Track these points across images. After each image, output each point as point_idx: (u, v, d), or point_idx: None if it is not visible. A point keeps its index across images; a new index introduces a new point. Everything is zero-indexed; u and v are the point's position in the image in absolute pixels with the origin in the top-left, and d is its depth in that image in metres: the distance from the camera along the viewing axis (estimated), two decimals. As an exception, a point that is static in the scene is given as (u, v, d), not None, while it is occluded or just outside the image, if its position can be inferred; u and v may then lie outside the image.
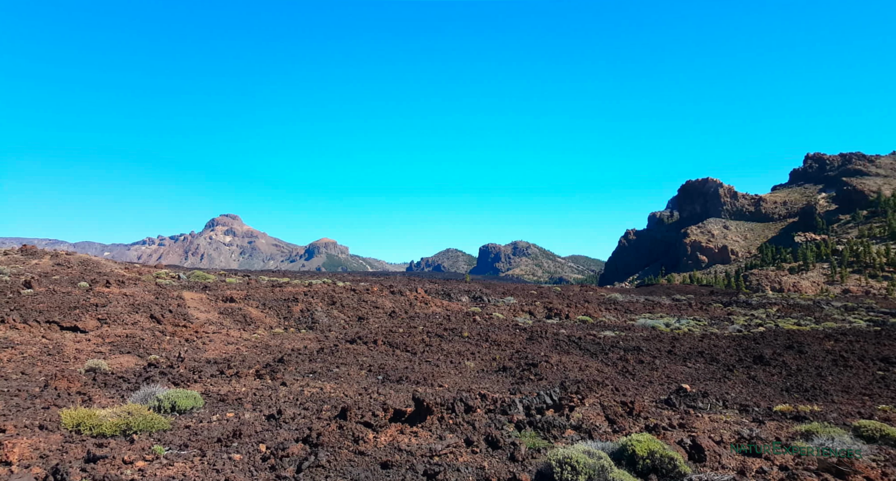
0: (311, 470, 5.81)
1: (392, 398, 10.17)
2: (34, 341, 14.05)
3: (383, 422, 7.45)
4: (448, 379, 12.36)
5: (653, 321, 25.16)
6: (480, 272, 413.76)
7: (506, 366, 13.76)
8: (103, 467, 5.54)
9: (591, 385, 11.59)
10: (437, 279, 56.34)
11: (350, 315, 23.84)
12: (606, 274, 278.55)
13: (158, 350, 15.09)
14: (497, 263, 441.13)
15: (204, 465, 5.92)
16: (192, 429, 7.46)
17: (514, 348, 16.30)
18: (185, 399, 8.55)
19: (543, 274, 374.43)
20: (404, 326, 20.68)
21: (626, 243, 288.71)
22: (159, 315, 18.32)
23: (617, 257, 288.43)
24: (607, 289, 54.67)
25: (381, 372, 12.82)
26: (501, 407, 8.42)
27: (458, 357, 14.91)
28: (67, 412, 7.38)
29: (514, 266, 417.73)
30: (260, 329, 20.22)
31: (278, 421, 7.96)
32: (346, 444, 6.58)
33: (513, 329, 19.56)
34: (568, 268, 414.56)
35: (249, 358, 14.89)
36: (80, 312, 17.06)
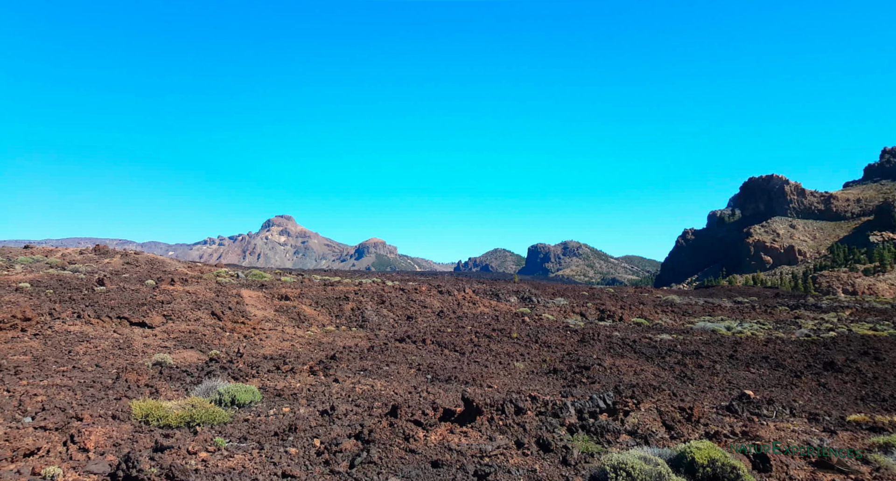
0: (364, 466, 5.90)
1: (441, 397, 10.20)
2: (107, 335, 14.99)
3: (433, 421, 7.47)
4: (497, 380, 12.28)
5: (713, 324, 24.08)
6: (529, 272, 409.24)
7: (556, 369, 13.53)
8: (170, 457, 5.83)
9: (646, 389, 11.21)
10: (485, 279, 56.15)
11: (399, 314, 24.12)
12: (662, 275, 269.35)
13: (219, 345, 15.77)
14: (546, 263, 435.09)
15: (262, 458, 6.12)
16: (250, 423, 7.74)
17: (565, 350, 16.00)
18: (243, 393, 8.88)
19: (595, 275, 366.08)
20: (452, 326, 20.72)
21: (683, 243, 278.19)
22: (219, 312, 19.15)
23: (674, 258, 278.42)
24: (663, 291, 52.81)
25: (429, 372, 12.89)
26: (553, 410, 8.27)
27: (508, 358, 14.79)
28: (137, 403, 7.83)
29: (564, 266, 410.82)
30: (313, 326, 20.78)
31: (331, 417, 8.13)
32: (398, 442, 6.64)
33: (563, 330, 19.22)
34: (621, 268, 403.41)
35: (303, 354, 15.32)
36: (148, 309, 18.07)
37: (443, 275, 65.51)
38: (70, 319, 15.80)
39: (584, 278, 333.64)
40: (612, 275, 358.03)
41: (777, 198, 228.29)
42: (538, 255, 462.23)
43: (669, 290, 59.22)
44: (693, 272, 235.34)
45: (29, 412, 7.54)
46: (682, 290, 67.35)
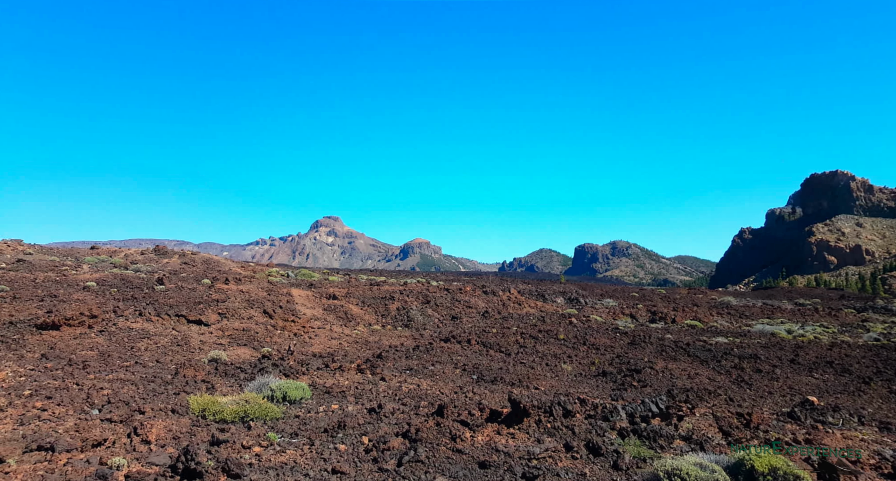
0: (411, 464, 5.90)
1: (487, 398, 10.12)
2: (166, 333, 15.71)
3: (480, 422, 7.41)
4: (544, 381, 12.08)
5: (772, 327, 22.89)
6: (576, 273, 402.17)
7: (606, 371, 13.19)
8: (225, 450, 6.02)
9: (701, 394, 10.76)
10: (531, 279, 55.52)
11: (443, 314, 24.17)
12: (717, 276, 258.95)
13: (270, 343, 16.25)
14: (594, 264, 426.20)
15: (312, 454, 6.23)
16: (301, 419, 7.91)
17: (615, 352, 15.58)
18: (294, 390, 9.09)
19: (646, 275, 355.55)
20: (497, 326, 20.58)
21: (740, 243, 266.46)
22: (271, 310, 19.74)
23: (730, 258, 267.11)
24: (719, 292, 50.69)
25: (475, 372, 12.83)
26: (602, 414, 8.05)
27: (554, 359, 14.53)
28: (194, 398, 8.14)
29: (612, 267, 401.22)
30: (360, 325, 21.11)
31: (379, 415, 8.20)
32: (444, 441, 6.62)
33: (612, 332, 18.72)
34: (673, 269, 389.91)
35: (351, 353, 15.57)
36: (204, 307, 18.83)
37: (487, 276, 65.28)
38: (132, 317, 16.66)
39: (633, 279, 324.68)
40: (663, 276, 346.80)
41: (842, 196, 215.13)
42: (585, 256, 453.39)
43: (725, 292, 56.79)
44: (750, 273, 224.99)
45: (96, 404, 7.98)
46: (738, 292, 64.47)
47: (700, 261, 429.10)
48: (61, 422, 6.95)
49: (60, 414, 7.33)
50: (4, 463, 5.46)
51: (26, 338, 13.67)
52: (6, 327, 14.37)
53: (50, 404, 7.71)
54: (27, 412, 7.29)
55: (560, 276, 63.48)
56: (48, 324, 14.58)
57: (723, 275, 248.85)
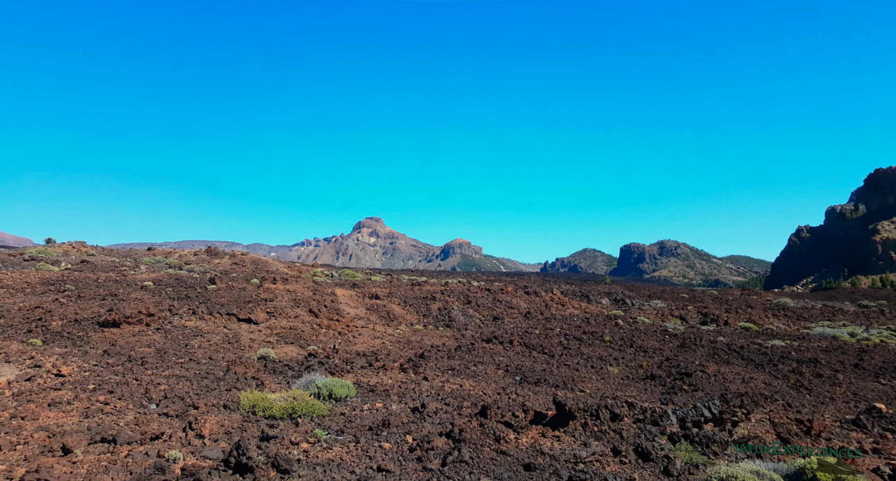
0: (456, 464, 5.88)
1: (531, 400, 9.99)
2: (217, 330, 16.29)
3: (524, 424, 7.31)
4: (589, 384, 11.82)
5: (833, 330, 21.63)
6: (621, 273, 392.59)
7: (654, 374, 12.78)
8: (275, 446, 6.17)
9: (756, 399, 10.27)
10: (574, 280, 54.58)
11: (485, 314, 24.06)
12: (773, 276, 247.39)
13: (316, 341, 16.60)
14: (641, 264, 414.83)
15: (358, 451, 6.31)
16: (346, 416, 8.02)
17: (664, 355, 15.09)
18: (340, 387, 9.24)
19: (696, 276, 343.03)
20: (540, 327, 20.30)
21: (797, 242, 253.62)
22: (316, 310, 20.17)
23: (786, 257, 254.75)
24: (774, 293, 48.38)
25: (517, 373, 12.69)
26: (652, 418, 7.80)
27: (600, 362, 14.21)
28: (245, 394, 8.39)
29: (660, 267, 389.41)
30: (402, 325, 21.29)
31: (422, 415, 8.22)
32: (488, 442, 6.57)
33: (661, 334, 18.14)
34: (725, 269, 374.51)
35: (393, 352, 15.71)
36: (253, 306, 19.43)
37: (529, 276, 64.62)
38: (186, 315, 17.36)
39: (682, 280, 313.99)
40: (714, 277, 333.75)
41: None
42: (631, 256, 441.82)
43: (781, 293, 54.13)
44: (808, 273, 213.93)
45: (154, 399, 8.34)
46: (795, 293, 61.34)
47: (754, 260, 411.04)
48: (122, 416, 7.30)
49: (121, 408, 7.70)
50: (72, 453, 5.78)
51: (90, 335, 14.46)
52: (72, 324, 15.25)
53: (112, 398, 8.11)
54: (91, 405, 7.70)
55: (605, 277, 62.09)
56: (109, 321, 15.39)
57: (778, 276, 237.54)
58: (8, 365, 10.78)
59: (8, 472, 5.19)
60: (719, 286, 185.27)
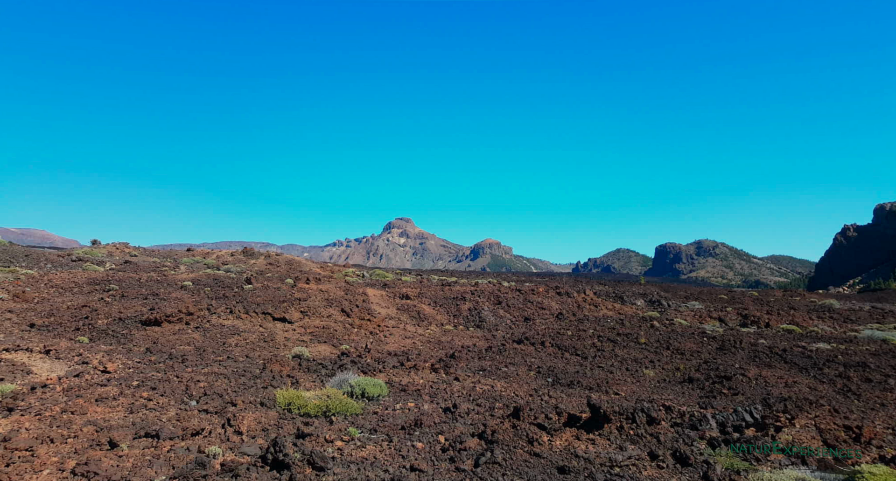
0: (488, 466, 5.85)
1: (564, 402, 9.86)
2: (254, 329, 16.67)
3: (557, 426, 7.22)
4: (624, 387, 11.59)
5: (883, 333, 20.63)
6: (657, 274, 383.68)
7: (692, 377, 12.45)
8: (310, 443, 6.27)
9: (801, 404, 9.87)
10: (607, 281, 53.67)
11: (516, 315, 23.90)
12: (817, 277, 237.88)
13: (348, 340, 16.80)
14: (677, 264, 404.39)
15: (391, 450, 6.34)
16: (379, 415, 8.09)
17: (702, 358, 14.68)
18: (372, 387, 9.33)
19: (735, 276, 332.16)
20: (573, 329, 20.04)
21: (843, 241, 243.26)
22: (348, 309, 20.42)
23: (831, 257, 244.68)
24: (819, 295, 46.50)
25: (550, 375, 12.55)
26: (690, 422, 7.60)
27: (635, 364, 13.92)
28: (280, 392, 8.55)
29: (697, 267, 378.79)
30: (432, 325, 21.34)
31: (454, 415, 8.21)
32: (521, 444, 6.51)
33: (699, 337, 17.65)
34: (766, 270, 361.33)
35: (424, 352, 15.76)
36: (287, 305, 19.81)
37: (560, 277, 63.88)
38: (224, 314, 17.83)
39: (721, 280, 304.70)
40: (754, 277, 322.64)
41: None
42: (667, 256, 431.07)
43: (826, 294, 51.96)
44: (856, 273, 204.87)
45: (194, 396, 8.58)
46: (841, 294, 58.78)
47: (797, 260, 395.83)
48: (164, 412, 7.54)
49: (163, 404, 7.96)
50: (118, 447, 6.00)
51: (133, 333, 15.01)
52: (116, 323, 15.85)
53: (154, 395, 8.39)
54: (135, 401, 7.98)
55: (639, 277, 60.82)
56: (151, 320, 15.93)
57: (823, 277, 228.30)
58: (58, 362, 11.29)
59: (60, 464, 5.43)
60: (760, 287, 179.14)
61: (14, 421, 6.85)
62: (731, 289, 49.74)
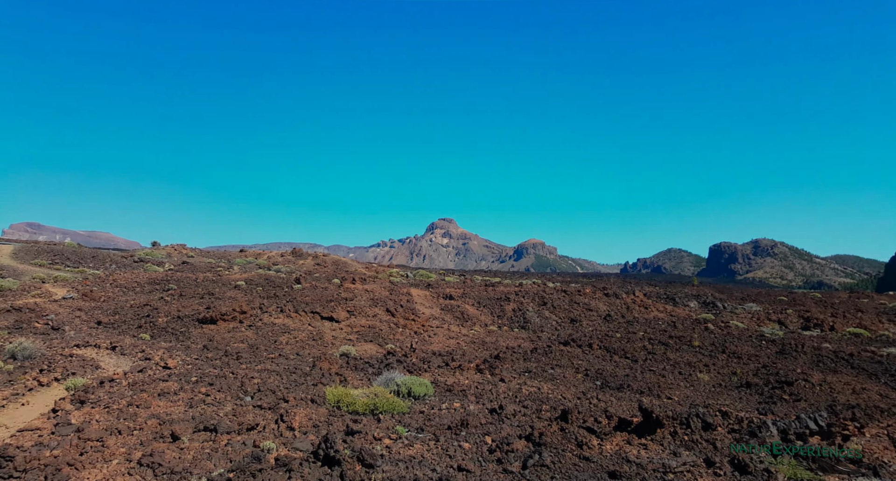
0: (536, 468, 5.78)
1: (614, 405, 9.63)
2: (303, 328, 17.12)
3: (607, 430, 7.06)
4: (677, 391, 11.21)
5: (964, 338, 19.08)
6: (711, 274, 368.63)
7: (749, 382, 11.91)
8: (359, 441, 6.37)
9: (871, 411, 9.26)
10: (658, 282, 52.08)
11: (562, 316, 23.53)
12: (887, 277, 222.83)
13: (393, 340, 17.00)
14: (732, 265, 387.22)
15: (438, 450, 6.37)
16: (425, 415, 8.14)
17: (760, 362, 14.02)
18: (418, 386, 9.40)
19: (795, 277, 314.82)
20: (622, 331, 19.55)
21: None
22: (393, 309, 20.66)
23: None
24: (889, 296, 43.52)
25: (598, 378, 12.29)
26: (749, 428, 7.25)
27: (688, 368, 13.44)
28: (330, 389, 8.74)
29: (754, 268, 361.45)
30: (476, 326, 21.30)
31: (500, 416, 8.16)
32: (570, 447, 6.40)
33: (757, 340, 16.86)
34: (830, 270, 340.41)
35: (469, 352, 15.75)
36: (334, 305, 20.24)
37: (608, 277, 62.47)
38: (275, 313, 18.40)
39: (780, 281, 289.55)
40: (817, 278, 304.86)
41: None
42: (722, 256, 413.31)
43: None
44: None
45: (248, 392, 8.90)
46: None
47: (864, 260, 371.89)
48: (221, 407, 7.85)
49: (220, 400, 8.28)
50: (179, 439, 6.29)
51: (191, 330, 15.71)
52: (175, 321, 16.63)
53: (212, 390, 8.74)
54: (194, 396, 8.34)
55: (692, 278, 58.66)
56: (207, 318, 16.63)
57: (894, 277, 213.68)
58: (124, 358, 11.95)
59: (128, 454, 5.75)
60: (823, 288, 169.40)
61: (86, 413, 7.29)
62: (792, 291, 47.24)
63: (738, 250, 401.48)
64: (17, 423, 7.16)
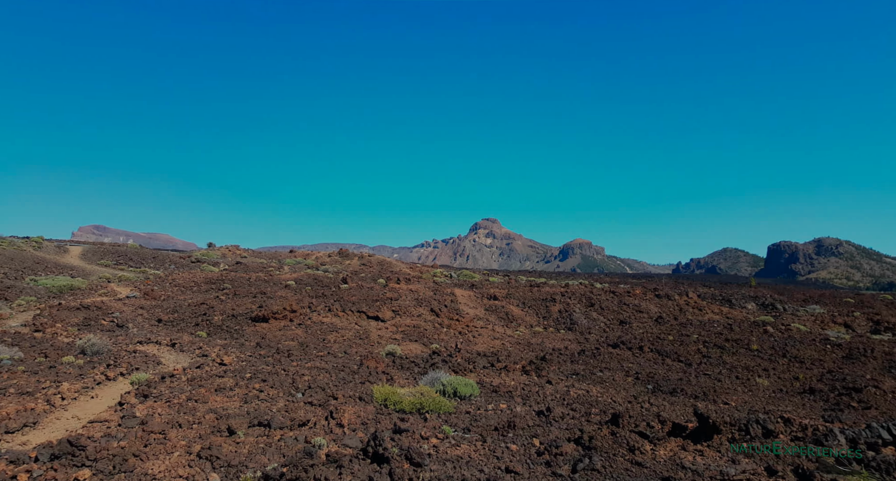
0: (587, 472, 5.66)
1: (667, 410, 9.32)
2: (350, 327, 17.44)
3: (661, 435, 6.83)
4: (734, 396, 10.73)
5: None
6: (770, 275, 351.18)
7: (813, 388, 11.26)
8: (406, 439, 6.43)
9: (953, 424, 8.58)
10: (712, 283, 50.08)
11: (610, 318, 22.98)
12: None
13: (437, 340, 17.07)
14: (793, 265, 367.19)
15: (485, 450, 6.34)
16: (471, 415, 8.12)
17: (825, 367, 13.24)
18: (464, 386, 9.39)
19: (863, 278, 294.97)
20: (674, 333, 18.89)
21: None
22: (437, 309, 20.75)
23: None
24: (968, 298, 40.29)
25: (649, 381, 11.92)
26: (814, 437, 6.86)
27: (746, 372, 12.85)
28: (377, 388, 8.86)
29: (817, 268, 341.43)
30: (521, 326, 21.10)
31: (548, 419, 8.05)
32: (621, 452, 6.23)
33: (821, 344, 15.92)
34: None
35: (514, 353, 15.61)
36: (380, 304, 20.51)
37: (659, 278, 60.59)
38: (323, 312, 18.83)
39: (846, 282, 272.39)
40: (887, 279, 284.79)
41: None
42: (782, 255, 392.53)
43: (979, 297, 44.75)
44: None
45: (300, 388, 9.13)
46: None
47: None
48: (274, 403, 8.10)
49: (273, 396, 8.54)
50: (235, 434, 6.53)
51: (244, 328, 16.29)
52: (230, 319, 17.29)
53: (265, 386, 9.03)
54: (249, 392, 8.64)
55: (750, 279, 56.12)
56: (259, 317, 17.21)
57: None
58: (182, 354, 12.52)
59: (188, 447, 6.01)
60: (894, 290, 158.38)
61: (149, 406, 7.68)
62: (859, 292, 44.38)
63: (800, 249, 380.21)
64: (87, 415, 7.61)
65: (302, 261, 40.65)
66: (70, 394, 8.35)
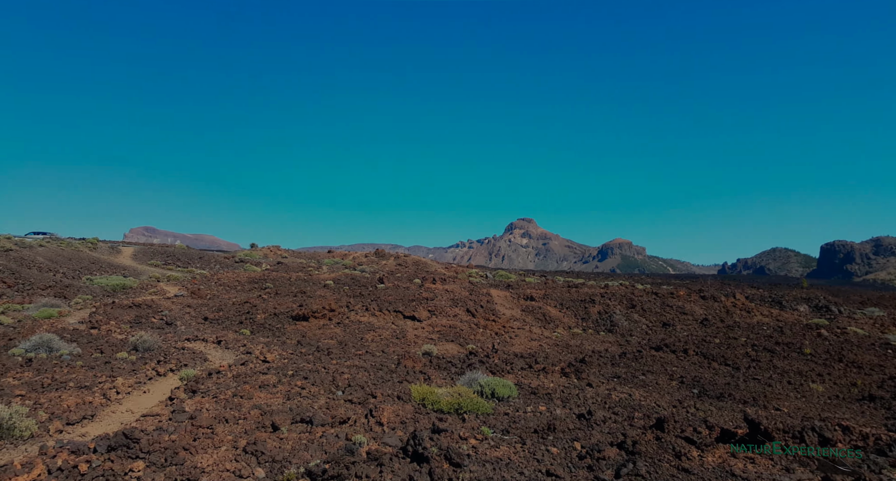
0: (631, 477, 5.51)
1: (714, 415, 9.00)
2: (387, 326, 17.59)
3: (708, 441, 6.59)
4: (786, 402, 10.27)
5: None
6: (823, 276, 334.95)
7: (873, 395, 10.66)
8: (445, 439, 6.41)
9: None
10: (760, 284, 48.17)
11: (653, 320, 22.39)
12: None
13: (474, 340, 17.01)
14: (848, 265, 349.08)
15: (525, 453, 6.26)
16: (510, 417, 8.04)
17: (886, 373, 12.51)
18: (502, 387, 9.31)
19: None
20: (721, 336, 18.24)
21: None
22: (473, 309, 20.69)
23: None
24: None
25: (695, 386, 11.54)
26: (876, 446, 6.47)
27: (799, 377, 12.28)
28: (415, 387, 8.88)
29: (875, 268, 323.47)
30: (559, 328, 20.80)
31: (589, 422, 7.89)
32: (667, 458, 6.04)
33: (881, 348, 15.06)
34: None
35: (552, 355, 15.40)
36: (416, 304, 20.61)
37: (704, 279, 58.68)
38: (361, 311, 19.07)
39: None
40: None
41: None
42: (836, 255, 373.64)
43: None
44: None
45: (340, 386, 9.26)
46: None
47: None
48: (315, 400, 8.24)
49: (314, 393, 8.69)
50: (279, 430, 6.67)
51: (285, 327, 16.66)
52: (272, 318, 17.72)
53: (307, 384, 9.20)
54: (291, 389, 8.82)
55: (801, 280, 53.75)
56: (300, 315, 17.57)
57: None
58: (227, 351, 12.90)
59: (234, 442, 6.18)
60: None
61: (197, 401, 7.94)
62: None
63: (856, 249, 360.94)
64: (140, 409, 7.93)
65: (340, 262, 41.32)
66: (124, 389, 8.73)
